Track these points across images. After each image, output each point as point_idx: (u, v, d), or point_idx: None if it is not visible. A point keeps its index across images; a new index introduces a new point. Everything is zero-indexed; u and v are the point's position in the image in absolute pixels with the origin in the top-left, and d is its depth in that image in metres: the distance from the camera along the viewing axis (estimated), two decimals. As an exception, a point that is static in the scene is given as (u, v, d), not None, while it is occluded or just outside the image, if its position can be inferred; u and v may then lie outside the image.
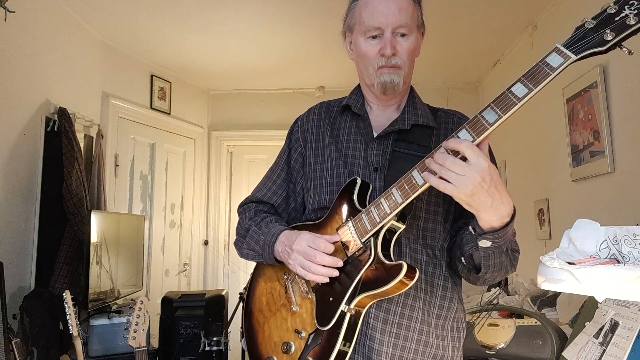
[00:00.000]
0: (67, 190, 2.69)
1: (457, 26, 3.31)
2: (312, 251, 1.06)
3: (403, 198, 0.98)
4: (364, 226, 1.04)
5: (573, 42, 0.87)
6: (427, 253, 1.15)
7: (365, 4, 1.15)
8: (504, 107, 0.89)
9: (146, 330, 2.06)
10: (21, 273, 2.58)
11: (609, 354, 0.96)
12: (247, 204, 1.36)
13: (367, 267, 1.02)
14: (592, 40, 0.86)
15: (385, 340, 1.09)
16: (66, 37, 3.06)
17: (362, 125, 1.23)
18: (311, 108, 1.36)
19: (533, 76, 0.88)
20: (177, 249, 4.25)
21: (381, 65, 1.14)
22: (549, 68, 0.87)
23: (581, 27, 0.88)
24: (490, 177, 0.89)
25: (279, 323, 1.17)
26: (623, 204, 2.19)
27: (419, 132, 1.18)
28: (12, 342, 1.94)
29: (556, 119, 2.79)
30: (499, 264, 1.02)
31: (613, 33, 0.84)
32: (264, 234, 1.20)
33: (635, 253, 0.93)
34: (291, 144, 1.33)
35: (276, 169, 1.34)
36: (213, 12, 3.10)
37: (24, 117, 2.63)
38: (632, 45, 0.87)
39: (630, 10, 0.84)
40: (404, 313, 1.10)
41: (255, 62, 3.96)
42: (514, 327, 1.78)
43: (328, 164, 1.22)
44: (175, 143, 4.28)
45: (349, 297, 1.02)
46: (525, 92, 0.88)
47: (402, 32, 1.13)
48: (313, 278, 1.06)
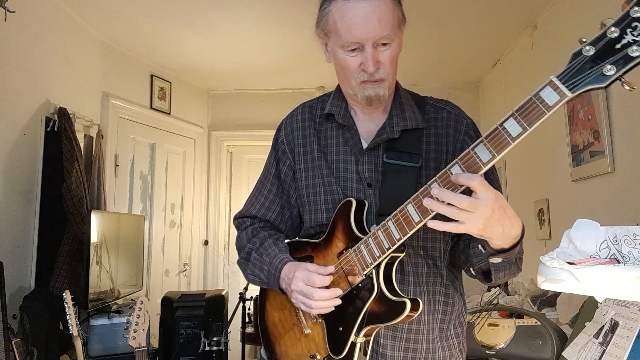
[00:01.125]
0: (67, 190, 2.69)
1: (457, 26, 3.31)
2: (309, 289, 1.04)
3: (400, 234, 0.97)
4: (364, 258, 1.04)
5: (570, 75, 0.80)
6: (427, 264, 1.15)
7: (340, 14, 1.04)
8: (497, 147, 0.86)
9: (146, 330, 2.06)
10: (21, 273, 2.57)
11: (609, 354, 0.96)
12: (243, 219, 1.33)
13: (371, 301, 1.03)
14: (590, 76, 0.78)
15: (396, 356, 1.11)
16: (66, 37, 3.06)
17: (349, 136, 1.18)
18: (293, 113, 1.30)
19: (527, 113, 0.83)
20: (177, 249, 4.25)
21: (364, 80, 1.07)
22: (544, 106, 0.82)
23: (579, 54, 0.80)
24: (499, 206, 0.88)
25: (293, 342, 1.18)
26: (623, 204, 2.19)
27: (408, 137, 1.14)
28: (12, 342, 1.94)
29: (556, 119, 2.79)
30: (509, 273, 1.04)
31: (614, 68, 0.76)
32: (266, 263, 1.18)
33: (635, 253, 0.93)
34: (278, 155, 1.27)
35: (266, 183, 1.29)
36: (213, 12, 3.10)
37: (24, 117, 2.62)
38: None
39: (634, 37, 0.74)
40: (411, 328, 1.12)
41: (255, 62, 3.96)
42: (514, 327, 1.78)
43: (320, 180, 1.19)
44: (175, 143, 4.28)
45: (357, 329, 1.04)
46: (520, 131, 0.84)
47: (384, 42, 1.05)
48: (317, 312, 1.08)
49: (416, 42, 3.60)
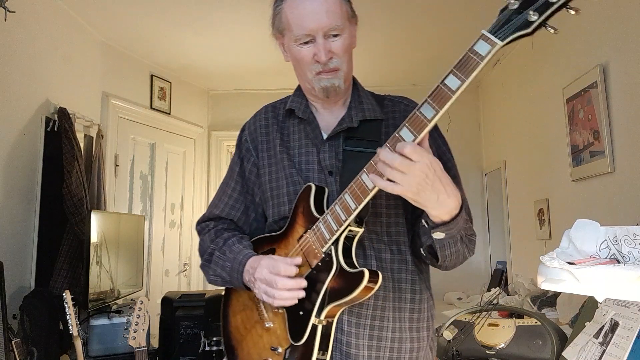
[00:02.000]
0: (67, 190, 2.69)
1: (457, 26, 3.31)
2: (273, 277, 1.03)
3: (356, 203, 0.98)
4: (323, 235, 1.04)
5: (499, 26, 0.86)
6: (391, 250, 1.14)
7: (291, 9, 1.11)
8: (440, 102, 0.89)
9: (146, 330, 2.06)
10: (21, 273, 2.58)
11: (609, 354, 0.96)
12: (205, 222, 1.32)
13: (332, 277, 1.02)
14: (516, 23, 0.84)
15: (360, 344, 1.09)
16: (66, 37, 3.06)
17: (309, 129, 1.21)
18: (257, 113, 1.33)
19: (463, 66, 0.88)
20: (177, 249, 4.25)
21: (319, 71, 1.12)
22: (478, 57, 0.87)
23: (505, 8, 0.86)
24: (434, 172, 0.90)
25: (255, 340, 1.16)
26: (623, 204, 2.19)
27: (367, 127, 1.18)
28: (12, 342, 1.94)
29: (556, 119, 2.79)
30: (455, 252, 1.05)
31: (537, 13, 0.82)
32: (229, 260, 1.17)
33: (635, 253, 0.93)
34: (242, 154, 1.29)
35: (230, 182, 1.30)
36: (213, 12, 3.10)
37: (24, 117, 2.63)
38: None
39: None
40: (376, 315, 1.11)
41: (255, 62, 3.96)
42: (514, 327, 1.78)
43: (282, 173, 1.20)
44: (175, 143, 4.28)
45: (318, 309, 1.02)
46: (459, 84, 0.88)
47: (334, 34, 1.10)
48: (279, 304, 1.06)
49: (416, 42, 3.60)
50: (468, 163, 4.40)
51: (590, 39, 2.42)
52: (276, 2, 1.16)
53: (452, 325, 1.89)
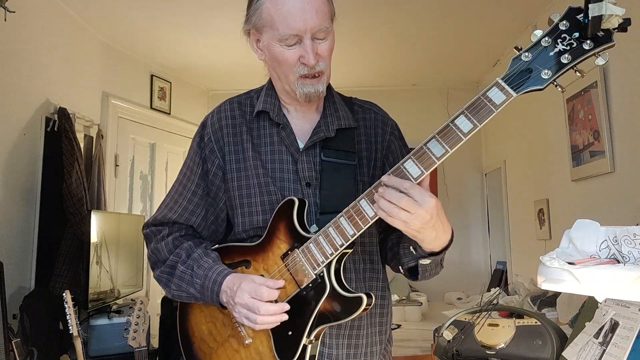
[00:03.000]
0: (67, 190, 2.69)
1: (457, 26, 3.31)
2: (255, 303, 0.98)
3: (354, 229, 0.98)
4: (315, 257, 1.01)
5: (513, 77, 0.90)
6: (364, 260, 1.15)
7: (275, 6, 1.02)
8: (450, 142, 0.91)
9: (146, 330, 2.06)
10: (21, 273, 2.57)
11: (609, 354, 0.96)
12: (157, 227, 1.20)
13: (323, 300, 1.01)
14: (530, 78, 0.90)
15: (340, 354, 1.11)
16: (66, 37, 3.06)
17: (284, 135, 1.14)
18: (220, 108, 1.24)
19: (477, 111, 0.90)
20: (177, 249, 4.25)
21: (303, 74, 1.05)
22: (492, 105, 0.90)
23: (518, 59, 0.91)
24: (437, 214, 0.91)
25: (229, 355, 1.10)
26: (623, 204, 2.19)
27: (343, 136, 1.15)
28: (12, 342, 1.94)
29: (556, 119, 2.79)
30: (434, 273, 1.10)
31: (550, 72, 0.89)
32: (198, 276, 1.08)
33: (635, 253, 0.93)
34: (205, 154, 1.17)
35: (189, 185, 1.18)
36: (213, 12, 3.10)
37: (24, 117, 2.62)
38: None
39: (563, 46, 0.88)
40: (353, 325, 1.12)
41: (255, 62, 3.90)
42: (514, 327, 1.77)
43: (254, 181, 1.12)
44: (175, 143, 4.28)
45: (309, 330, 1.02)
46: (471, 127, 0.90)
47: (321, 36, 1.04)
48: (262, 328, 1.02)
49: (416, 42, 3.60)
50: (468, 163, 4.40)
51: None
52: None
53: (452, 325, 1.89)
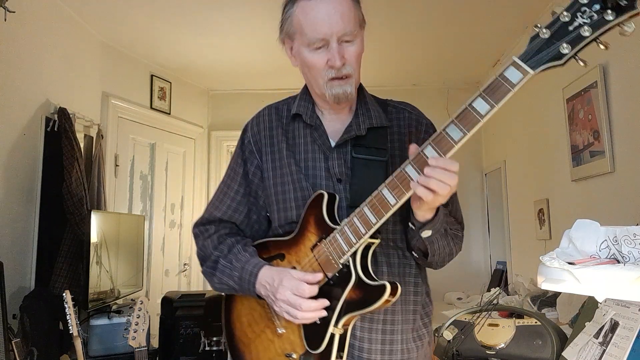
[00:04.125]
0: (67, 190, 2.69)
1: (457, 26, 3.31)
2: (297, 300, 1.03)
3: (377, 217, 1.00)
4: (340, 246, 1.05)
5: (530, 55, 0.86)
6: (398, 255, 1.17)
7: (304, 13, 1.09)
8: (468, 125, 0.90)
9: (146, 330, 2.06)
10: (21, 273, 2.57)
11: (609, 354, 0.96)
12: (205, 226, 1.29)
13: (350, 288, 1.04)
14: (549, 54, 0.85)
15: (373, 348, 1.12)
16: (66, 37, 3.06)
17: (317, 135, 1.20)
18: (259, 114, 1.31)
19: (494, 92, 0.88)
20: (177, 249, 4.25)
21: (332, 77, 1.10)
22: (509, 84, 0.87)
23: (536, 37, 0.86)
24: None
25: (265, 345, 1.16)
26: (623, 204, 2.19)
27: (374, 134, 1.18)
28: (12, 342, 1.94)
29: (556, 119, 2.79)
30: (442, 246, 1.10)
31: (569, 46, 0.83)
32: (236, 269, 1.16)
33: (635, 253, 0.93)
34: (245, 156, 1.26)
35: (232, 184, 1.27)
36: (213, 12, 3.10)
37: (24, 117, 2.62)
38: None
39: (584, 19, 0.82)
40: (386, 319, 1.13)
41: (255, 62, 3.96)
42: (514, 327, 1.77)
43: (289, 178, 1.19)
44: (175, 143, 4.28)
45: (336, 319, 1.04)
46: (488, 108, 0.88)
47: (348, 39, 1.09)
48: (302, 322, 1.07)
49: (416, 42, 3.60)
50: (468, 163, 4.40)
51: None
52: (287, 5, 1.14)
53: (452, 325, 1.89)
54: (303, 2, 1.09)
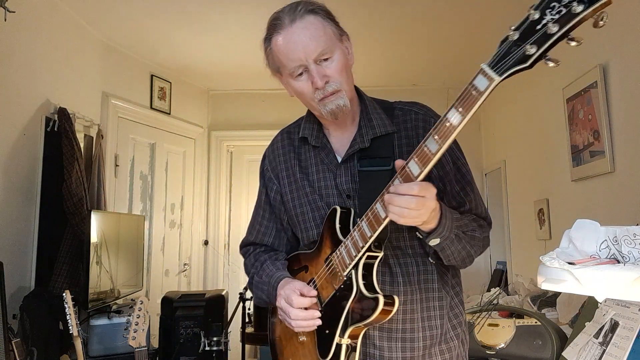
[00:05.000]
0: (67, 190, 2.68)
1: (457, 26, 3.31)
2: (288, 308, 1.11)
3: (371, 231, 1.02)
4: (344, 259, 1.09)
5: (497, 60, 0.82)
6: (417, 262, 1.17)
7: (277, 46, 1.13)
8: (443, 136, 0.90)
9: (146, 330, 2.06)
10: (21, 273, 2.57)
11: (609, 354, 0.96)
12: (246, 247, 1.41)
13: (352, 300, 1.06)
14: (514, 57, 0.79)
15: (394, 357, 1.12)
16: (66, 37, 3.06)
17: (323, 154, 1.24)
18: (274, 141, 1.37)
19: (464, 101, 0.86)
20: (177, 249, 4.25)
21: (320, 97, 1.12)
22: (477, 92, 0.85)
23: (505, 40, 0.82)
24: (436, 200, 0.97)
25: (293, 352, 1.24)
26: (623, 204, 2.19)
27: (379, 144, 1.19)
28: (12, 342, 1.94)
29: (556, 119, 2.79)
30: (456, 251, 1.09)
31: (535, 46, 0.77)
32: (265, 283, 1.24)
33: (635, 253, 0.93)
34: (265, 183, 1.35)
35: (260, 210, 1.37)
36: (213, 12, 3.10)
37: (24, 117, 2.62)
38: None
39: (552, 16, 0.75)
40: (406, 328, 1.14)
41: (255, 62, 3.92)
42: (514, 327, 1.78)
43: (305, 199, 1.24)
44: (175, 143, 4.28)
45: (342, 330, 1.07)
46: (460, 119, 0.87)
47: (325, 57, 1.10)
48: (299, 330, 1.13)
49: (416, 42, 3.60)
50: (468, 163, 4.40)
51: (590, 39, 2.42)
52: (265, 44, 1.19)
53: (452, 325, 1.89)
54: (274, 37, 1.14)
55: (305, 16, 1.10)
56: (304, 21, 1.10)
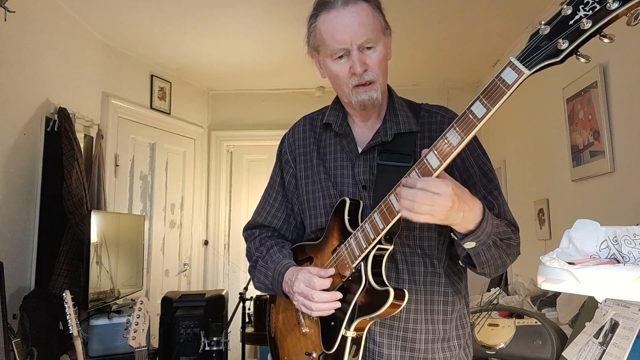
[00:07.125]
0: (67, 190, 2.69)
1: (457, 26, 3.31)
2: (309, 291, 1.08)
3: (384, 223, 1.01)
4: (353, 251, 1.08)
5: (527, 53, 0.82)
6: (424, 263, 1.16)
7: (324, 25, 1.13)
8: (465, 129, 0.89)
9: (146, 330, 2.06)
10: (21, 273, 2.57)
11: (609, 354, 0.96)
12: (251, 230, 1.39)
13: (360, 293, 1.06)
14: (545, 51, 0.79)
15: (392, 354, 1.12)
16: (66, 37, 3.06)
17: (345, 143, 1.24)
18: (295, 125, 1.36)
19: (490, 94, 0.86)
20: (177, 249, 4.25)
21: (355, 84, 1.12)
22: (505, 85, 0.84)
23: (535, 34, 0.82)
24: (458, 197, 0.92)
25: (294, 343, 1.23)
26: (623, 204, 2.19)
27: (402, 140, 1.19)
28: (12, 342, 1.94)
29: (556, 119, 2.79)
30: (492, 258, 1.06)
31: (567, 41, 0.77)
32: (270, 269, 1.23)
33: (635, 253, 0.93)
34: (282, 165, 1.34)
35: (272, 192, 1.36)
36: (213, 12, 3.10)
37: (24, 117, 2.62)
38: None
39: (585, 12, 0.76)
40: (408, 327, 1.13)
41: (255, 62, 3.96)
42: (514, 327, 1.78)
43: (318, 186, 1.24)
44: (175, 143, 4.28)
45: (348, 322, 1.06)
46: (484, 111, 0.87)
47: (369, 46, 1.11)
48: (317, 314, 1.11)
49: (416, 42, 3.60)
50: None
51: (590, 39, 2.42)
52: (310, 20, 1.18)
53: (452, 325, 1.89)
54: (323, 15, 1.13)
55: (358, 2, 1.11)
56: (356, 6, 1.10)
